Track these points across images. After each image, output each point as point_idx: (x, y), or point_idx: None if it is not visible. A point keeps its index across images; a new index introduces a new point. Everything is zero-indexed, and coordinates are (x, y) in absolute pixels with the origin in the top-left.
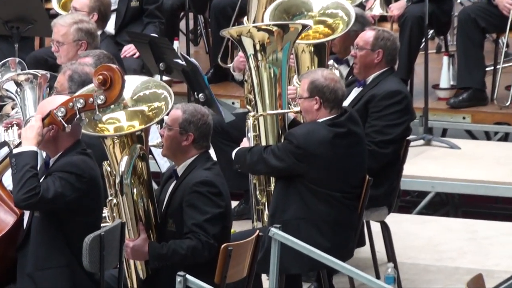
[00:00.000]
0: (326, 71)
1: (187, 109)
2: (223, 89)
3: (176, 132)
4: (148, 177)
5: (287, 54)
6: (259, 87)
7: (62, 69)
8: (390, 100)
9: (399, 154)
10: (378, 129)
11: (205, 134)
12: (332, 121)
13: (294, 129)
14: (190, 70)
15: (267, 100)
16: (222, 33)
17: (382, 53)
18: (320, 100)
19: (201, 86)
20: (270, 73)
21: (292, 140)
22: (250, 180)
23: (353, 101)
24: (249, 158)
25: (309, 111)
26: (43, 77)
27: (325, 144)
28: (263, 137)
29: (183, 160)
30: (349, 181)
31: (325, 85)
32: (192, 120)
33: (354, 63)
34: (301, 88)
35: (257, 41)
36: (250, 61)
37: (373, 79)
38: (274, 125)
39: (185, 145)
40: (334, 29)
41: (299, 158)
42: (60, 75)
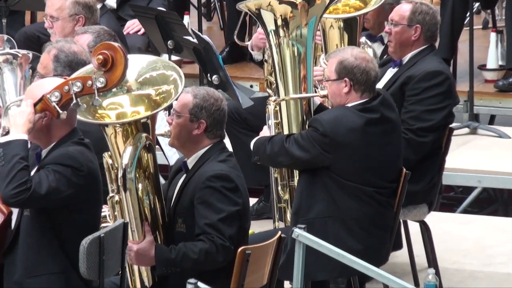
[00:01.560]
0: (357, 50)
1: (199, 93)
2: (240, 70)
3: (186, 119)
4: (155, 171)
5: (313, 30)
6: (280, 68)
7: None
8: (429, 82)
9: (440, 144)
10: (416, 114)
11: (219, 122)
12: (364, 105)
13: (320, 115)
14: (202, 48)
15: (290, 82)
16: (239, 6)
17: (420, 29)
18: (350, 82)
19: (215, 67)
20: (294, 51)
21: (318, 128)
22: (271, 173)
23: (388, 83)
24: (269, 149)
25: (337, 94)
26: (24, 57)
27: (356, 131)
28: (285, 124)
29: (194, 151)
30: (383, 175)
31: (356, 65)
32: (204, 105)
33: (389, 41)
34: (329, 69)
35: (279, 15)
36: (271, 38)
37: (410, 58)
38: (298, 111)
39: (196, 134)
40: (366, 2)
41: (325, 148)
42: (44, 54)
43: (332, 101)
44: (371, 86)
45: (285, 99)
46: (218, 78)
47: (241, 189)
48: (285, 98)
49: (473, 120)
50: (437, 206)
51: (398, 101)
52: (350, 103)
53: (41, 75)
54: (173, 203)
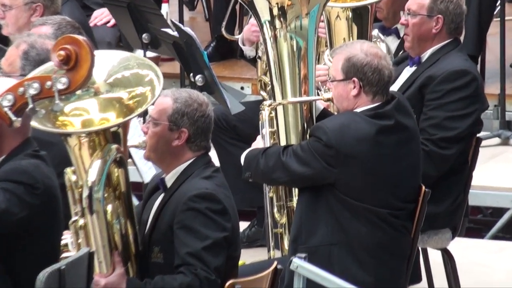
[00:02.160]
0: (368, 44)
1: (180, 96)
2: (228, 69)
3: (165, 127)
4: (127, 190)
5: (316, 21)
6: (277, 66)
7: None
8: (453, 83)
9: (466, 157)
10: (438, 122)
11: (203, 131)
12: (375, 111)
13: (324, 122)
14: (184, 43)
15: (288, 83)
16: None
17: (443, 20)
18: (359, 83)
19: (199, 65)
20: (292, 46)
21: (321, 137)
22: (265, 193)
23: (404, 85)
24: (263, 163)
25: (344, 98)
26: None
27: (366, 141)
28: (282, 133)
29: (174, 165)
30: (399, 193)
31: (366, 62)
32: (186, 111)
33: (406, 34)
34: (334, 68)
35: (275, 3)
36: (265, 30)
37: (430, 55)
38: (298, 117)
39: (176, 146)
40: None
41: (330, 161)
42: (12, 48)
43: (338, 105)
44: (384, 88)
45: (282, 103)
46: (203, 79)
47: (229, 211)
48: (282, 102)
49: (505, 129)
50: (463, 231)
51: (416, 106)
52: (359, 108)
53: (4, 73)
54: (148, 229)
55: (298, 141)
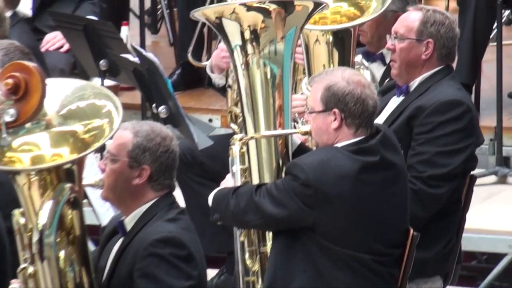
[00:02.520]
0: (350, 71)
1: (141, 129)
2: (195, 99)
3: (124, 164)
4: (82, 234)
5: (292, 46)
6: (249, 96)
7: None
8: (445, 115)
9: (459, 197)
10: (428, 158)
11: (167, 168)
12: (358, 145)
13: (301, 159)
14: (145, 70)
15: (261, 115)
16: (193, 14)
17: (433, 45)
18: (340, 115)
19: (163, 95)
20: (266, 74)
21: (298, 175)
22: (236, 236)
23: (390, 117)
24: (233, 204)
25: (324, 131)
26: None
27: (348, 180)
28: (255, 171)
29: (135, 206)
30: (384, 237)
31: (348, 91)
32: (148, 146)
33: (392, 60)
34: (312, 97)
35: (246, 26)
36: (236, 56)
37: (419, 83)
38: (272, 153)
39: (137, 185)
40: (363, 9)
41: (308, 202)
42: None
43: (316, 139)
44: (368, 120)
45: (255, 137)
46: (167, 110)
47: (196, 257)
48: (255, 136)
49: (502, 166)
50: (455, 279)
51: (403, 140)
52: (340, 143)
53: None
54: (105, 277)
55: (273, 179)
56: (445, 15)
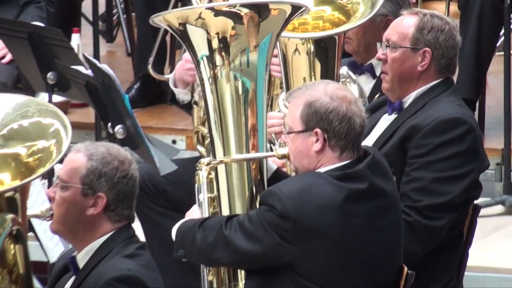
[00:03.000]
0: (334, 85)
1: (95, 152)
2: (157, 117)
3: (77, 192)
4: (27, 271)
5: (267, 56)
6: (217, 114)
7: None
8: (444, 136)
9: (461, 230)
10: (424, 185)
11: (126, 196)
12: (344, 171)
13: (278, 186)
14: (100, 84)
15: (231, 136)
16: (154, 20)
17: (431, 55)
18: (323, 135)
19: (119, 113)
20: (237, 88)
21: (275, 206)
22: (203, 275)
23: (381, 138)
24: (200, 238)
25: (304, 154)
26: None
27: (332, 211)
28: (224, 200)
29: (89, 240)
30: (374, 276)
31: (332, 108)
32: (104, 171)
33: (383, 72)
34: (291, 115)
35: (214, 34)
36: (203, 68)
37: (415, 99)
38: (245, 179)
39: (91, 215)
40: (349, 14)
41: (286, 236)
42: None
43: (296, 164)
44: (355, 141)
45: (225, 161)
46: (124, 130)
47: None
48: (225, 160)
49: (510, 194)
50: None
51: (396, 164)
52: (323, 167)
53: None
54: None
55: (245, 210)
56: (444, 21)
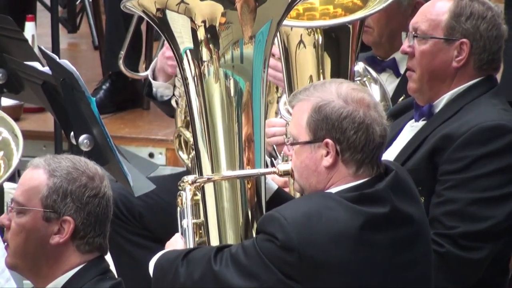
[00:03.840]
0: (348, 86)
1: (58, 167)
2: (130, 125)
3: (37, 216)
4: None
5: (265, 50)
6: (204, 121)
7: None
8: (485, 147)
9: (504, 265)
10: (459, 208)
11: (98, 219)
12: (361, 191)
13: (280, 211)
14: (60, 84)
15: (221, 147)
16: (126, 5)
17: (469, 48)
18: (335, 147)
19: (84, 120)
20: (229, 89)
21: (276, 235)
22: None
23: (406, 149)
24: (185, 274)
25: (311, 170)
26: None
27: (345, 242)
28: (213, 227)
29: (53, 276)
30: None
31: (347, 114)
32: (70, 189)
33: (409, 69)
34: (296, 122)
35: (200, 22)
36: (186, 65)
37: (448, 102)
38: (238, 202)
39: (57, 244)
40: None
41: (289, 271)
42: None
43: (301, 182)
44: (373, 155)
45: (213, 179)
46: (90, 141)
47: None
48: (213, 178)
49: None
50: None
51: (424, 182)
52: (334, 187)
53: None
54: None
55: (239, 239)
56: (486, 6)
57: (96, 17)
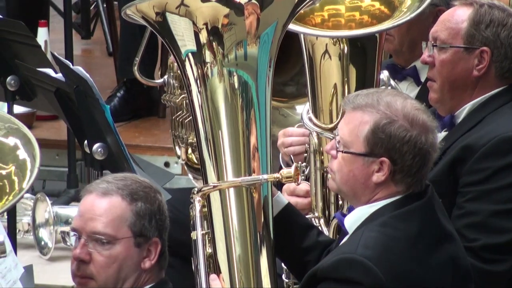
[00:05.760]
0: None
1: (132, 190)
2: (145, 133)
3: (129, 244)
4: None
5: (270, 51)
6: (208, 124)
7: None
8: (506, 158)
9: None
10: (481, 220)
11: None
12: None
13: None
14: (74, 92)
15: (227, 152)
16: (126, 13)
17: (490, 56)
18: (389, 167)
19: (98, 128)
20: (233, 84)
21: (360, 279)
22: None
23: None
24: None
25: (360, 182)
26: None
27: (418, 267)
28: (220, 237)
29: None
30: None
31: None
32: (153, 210)
33: (430, 79)
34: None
35: (202, 24)
36: (188, 68)
37: (470, 112)
38: (246, 214)
39: (149, 267)
40: (393, 6)
41: None
42: None
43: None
44: (423, 178)
45: (220, 186)
46: (104, 149)
47: None
48: (220, 186)
49: None
50: None
51: (445, 193)
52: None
53: None
54: None
55: (248, 252)
56: (507, 12)
57: (111, 22)
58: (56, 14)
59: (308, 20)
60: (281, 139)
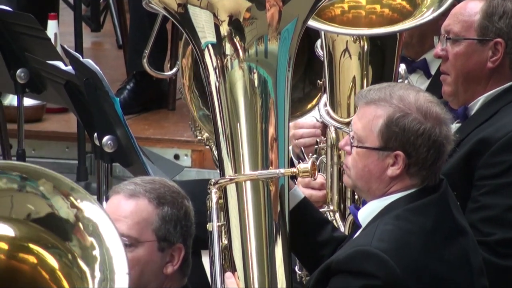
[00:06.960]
0: (425, 97)
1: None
2: (155, 126)
3: (152, 248)
4: None
5: (290, 48)
6: (226, 117)
7: None
8: None
9: None
10: (497, 214)
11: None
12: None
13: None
14: (83, 84)
15: (245, 145)
16: (147, 3)
17: (504, 47)
18: (404, 161)
19: (108, 120)
20: (253, 81)
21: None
22: None
23: None
24: None
25: (375, 176)
26: None
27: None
28: (236, 232)
29: None
30: None
31: (423, 131)
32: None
33: (444, 73)
34: (364, 124)
35: (224, 16)
36: (208, 58)
37: (483, 105)
38: (261, 206)
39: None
40: (414, 2)
41: None
42: None
43: (358, 184)
44: (438, 171)
45: (237, 179)
46: (114, 142)
47: None
48: (237, 178)
49: None
50: None
51: (459, 187)
52: (393, 195)
53: None
54: None
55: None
56: None
57: (120, 15)
58: (66, 7)
59: (327, 11)
60: (292, 131)
